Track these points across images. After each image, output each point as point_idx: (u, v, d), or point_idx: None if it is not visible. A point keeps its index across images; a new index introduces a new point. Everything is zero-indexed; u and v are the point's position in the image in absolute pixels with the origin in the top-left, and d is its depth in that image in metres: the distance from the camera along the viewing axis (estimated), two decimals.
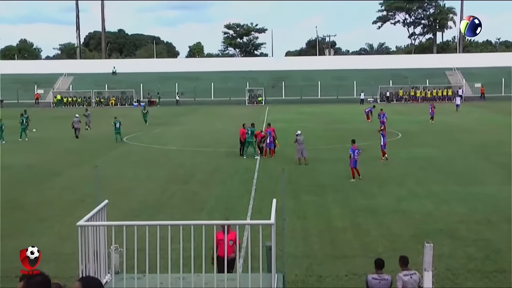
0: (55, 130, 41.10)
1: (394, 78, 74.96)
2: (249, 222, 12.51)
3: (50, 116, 55.55)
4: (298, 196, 18.51)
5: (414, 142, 31.67)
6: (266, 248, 7.84)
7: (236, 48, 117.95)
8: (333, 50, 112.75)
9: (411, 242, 13.23)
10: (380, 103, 67.84)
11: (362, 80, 73.54)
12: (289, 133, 31.40)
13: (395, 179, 21.32)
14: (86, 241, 7.21)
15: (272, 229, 7.11)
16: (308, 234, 14.28)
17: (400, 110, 56.28)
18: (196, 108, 63.95)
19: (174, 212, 16.57)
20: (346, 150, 22.79)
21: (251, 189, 19.71)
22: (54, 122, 48.32)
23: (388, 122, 39.47)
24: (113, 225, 7.57)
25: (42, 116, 51.59)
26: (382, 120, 37.82)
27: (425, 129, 38.19)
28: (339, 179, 21.37)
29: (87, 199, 17.73)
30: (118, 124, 33.96)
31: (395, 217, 15.76)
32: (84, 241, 7.17)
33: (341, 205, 17.32)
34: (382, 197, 18.23)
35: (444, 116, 46.52)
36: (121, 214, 15.58)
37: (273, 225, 7.12)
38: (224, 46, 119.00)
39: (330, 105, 65.07)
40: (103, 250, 7.61)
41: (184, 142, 33.49)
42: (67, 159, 27.21)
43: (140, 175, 22.88)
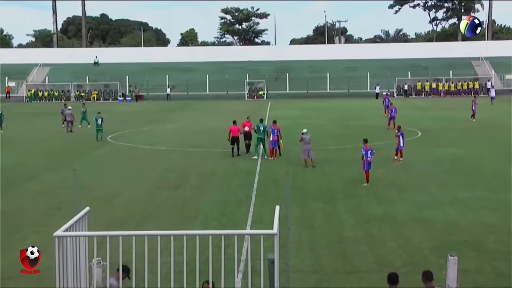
0: (29, 128, 41.14)
1: (413, 69, 74.96)
2: (249, 232, 12.50)
3: (24, 112, 55.62)
4: (304, 203, 18.49)
5: (436, 141, 31.67)
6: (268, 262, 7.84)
7: (235, 36, 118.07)
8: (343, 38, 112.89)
9: (433, 255, 13.22)
10: (397, 97, 67.89)
11: (376, 71, 73.53)
12: (294, 132, 31.40)
13: (415, 183, 21.30)
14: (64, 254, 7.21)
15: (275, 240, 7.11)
16: (316, 246, 14.27)
17: (419, 106, 56.27)
18: (189, 103, 63.92)
19: (164, 221, 16.56)
20: (359, 151, 22.77)
21: (251, 195, 19.71)
22: (28, 119, 48.37)
23: (407, 119, 39.47)
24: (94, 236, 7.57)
25: (14, 112, 51.63)
26: (386, 104, 40.32)
27: (449, 127, 38.19)
28: (351, 183, 21.35)
29: (65, 206, 17.69)
30: (100, 121, 34.00)
31: (415, 226, 15.76)
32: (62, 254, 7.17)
33: (354, 213, 17.32)
34: (400, 204, 18.22)
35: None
36: (104, 223, 15.54)
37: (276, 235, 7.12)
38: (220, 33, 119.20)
39: (341, 99, 65.02)
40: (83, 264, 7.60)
41: (175, 141, 33.50)
42: (43, 161, 27.23)
43: (126, 179, 22.88)
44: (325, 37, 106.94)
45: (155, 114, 52.16)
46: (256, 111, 48.87)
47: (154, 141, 33.84)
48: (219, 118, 45.47)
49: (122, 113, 53.78)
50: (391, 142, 29.42)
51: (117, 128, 39.33)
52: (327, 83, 73.08)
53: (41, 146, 32.27)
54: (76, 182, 11.50)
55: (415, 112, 49.03)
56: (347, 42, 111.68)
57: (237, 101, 65.72)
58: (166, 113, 52.58)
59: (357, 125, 39.62)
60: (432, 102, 62.32)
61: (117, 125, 40.79)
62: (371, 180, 21.03)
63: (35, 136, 36.32)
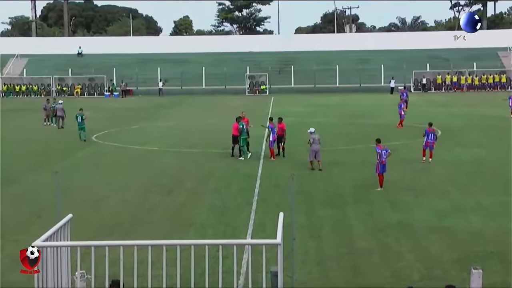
0: (5, 127, 41.13)
1: (432, 61, 74.90)
2: (250, 241, 12.51)
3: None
4: (311, 209, 18.52)
5: (458, 140, 31.66)
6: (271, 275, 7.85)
7: (234, 24, 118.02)
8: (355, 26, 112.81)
9: (455, 267, 13.23)
10: (414, 92, 67.87)
11: (391, 63, 73.49)
12: (299, 130, 31.40)
13: (434, 187, 21.31)
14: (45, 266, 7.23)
15: (278, 250, 7.13)
16: (324, 258, 14.28)
17: (439, 101, 56.25)
18: (183, 99, 63.91)
19: (156, 229, 16.60)
20: (371, 151, 22.76)
21: (252, 200, 19.73)
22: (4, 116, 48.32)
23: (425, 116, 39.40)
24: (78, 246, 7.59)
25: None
26: (404, 99, 42.82)
27: (471, 125, 38.17)
28: (363, 187, 21.35)
29: (45, 213, 17.71)
30: (80, 118, 33.92)
31: (434, 236, 15.76)
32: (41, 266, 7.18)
33: (366, 220, 17.33)
34: (418, 211, 18.22)
35: (497, 108, 46.46)
36: (88, 232, 15.59)
37: (280, 245, 7.14)
38: (218, 21, 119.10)
39: (351, 95, 64.98)
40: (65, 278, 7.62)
41: (168, 141, 33.52)
42: (22, 163, 27.25)
43: (113, 183, 22.91)
44: (335, 26, 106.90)
45: (145, 110, 52.15)
46: (258, 107, 48.94)
47: (145, 140, 33.84)
48: (217, 115, 45.51)
49: (109, 109, 53.79)
50: (407, 142, 29.47)
51: (103, 126, 39.34)
52: (336, 76, 73.04)
53: (19, 147, 32.27)
54: (58, 186, 11.51)
55: (434, 108, 48.95)
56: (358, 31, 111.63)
57: (237, 97, 65.65)
58: (158, 110, 52.60)
59: (370, 124, 39.58)
60: (454, 97, 62.28)
61: (103, 123, 40.78)
62: (385, 184, 21.03)
63: (13, 136, 36.30)
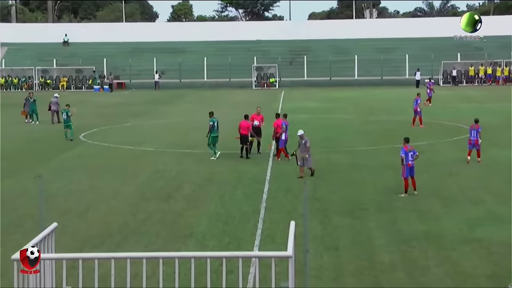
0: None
1: (464, 50, 74.74)
2: (257, 254, 12.48)
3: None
4: (326, 218, 18.50)
5: (494, 141, 31.51)
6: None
7: (239, 9, 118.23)
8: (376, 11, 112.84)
9: (489, 284, 13.22)
10: (443, 85, 67.70)
11: (417, 53, 73.48)
12: (314, 128, 31.41)
13: (465, 193, 21.28)
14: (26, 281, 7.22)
15: (289, 264, 7.11)
16: (342, 272, 14.26)
17: (471, 96, 56.09)
18: (182, 94, 64.04)
19: (151, 240, 16.61)
20: (395, 152, 22.70)
21: (259, 208, 19.72)
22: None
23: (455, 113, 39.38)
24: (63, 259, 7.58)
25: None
26: (429, 93, 46.48)
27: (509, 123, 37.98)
28: (385, 193, 21.35)
29: (26, 222, 17.74)
30: (66, 115, 33.96)
31: (465, 248, 15.73)
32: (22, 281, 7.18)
33: (388, 231, 17.31)
34: (447, 220, 18.20)
35: None
36: (75, 243, 15.62)
37: (291, 258, 7.12)
38: (221, 5, 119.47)
39: (372, 88, 65.01)
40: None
41: (165, 141, 33.62)
42: (1, 166, 27.30)
43: (103, 188, 22.94)
44: (353, 10, 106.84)
45: (139, 106, 52.30)
46: (266, 102, 48.89)
47: (139, 140, 33.92)
48: (220, 112, 45.30)
49: (99, 105, 53.97)
50: (435, 141, 29.37)
51: (92, 124, 39.47)
52: (354, 68, 73.04)
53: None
54: (41, 192, 11.52)
55: (466, 104, 48.83)
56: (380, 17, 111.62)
57: (243, 91, 65.73)
58: (154, 106, 52.71)
59: (393, 121, 39.55)
60: (488, 91, 62.07)
61: (92, 120, 40.92)
62: (410, 189, 20.97)
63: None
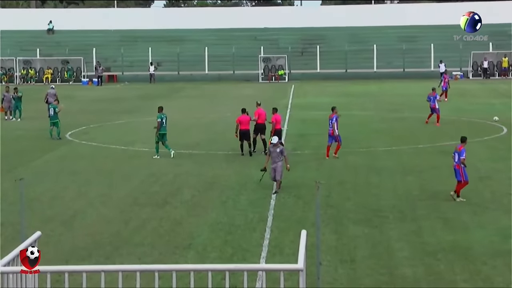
0: None
1: (497, 39, 74.44)
2: (264, 266, 12.49)
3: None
4: (341, 227, 18.47)
5: None
6: None
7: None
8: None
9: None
10: (473, 78, 67.48)
11: (443, 42, 73.20)
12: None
13: (498, 200, 21.19)
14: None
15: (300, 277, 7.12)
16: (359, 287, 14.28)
17: (505, 91, 55.82)
18: (180, 87, 63.92)
19: (145, 251, 16.59)
20: (419, 154, 22.68)
21: (266, 215, 19.68)
22: None
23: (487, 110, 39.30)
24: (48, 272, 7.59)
25: None
26: (444, 86, 47.25)
27: None
28: (407, 199, 21.31)
29: (6, 230, 17.69)
30: (53, 111, 33.94)
31: (497, 262, 15.70)
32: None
33: (411, 241, 17.27)
34: (477, 230, 18.15)
35: None
36: (61, 254, 15.57)
37: (302, 271, 7.13)
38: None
39: (393, 82, 64.77)
40: None
41: None
42: None
43: (91, 193, 22.88)
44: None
45: (133, 101, 52.18)
46: (274, 97, 48.82)
47: (132, 139, 33.92)
48: (222, 108, 45.46)
49: (88, 100, 53.94)
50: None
51: (80, 121, 39.38)
52: (373, 59, 72.75)
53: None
54: (22, 197, 11.52)
55: (498, 100, 48.64)
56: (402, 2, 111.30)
57: (248, 84, 65.59)
58: (149, 101, 52.48)
59: (416, 118, 39.36)
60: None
61: (80, 117, 40.81)
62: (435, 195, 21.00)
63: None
